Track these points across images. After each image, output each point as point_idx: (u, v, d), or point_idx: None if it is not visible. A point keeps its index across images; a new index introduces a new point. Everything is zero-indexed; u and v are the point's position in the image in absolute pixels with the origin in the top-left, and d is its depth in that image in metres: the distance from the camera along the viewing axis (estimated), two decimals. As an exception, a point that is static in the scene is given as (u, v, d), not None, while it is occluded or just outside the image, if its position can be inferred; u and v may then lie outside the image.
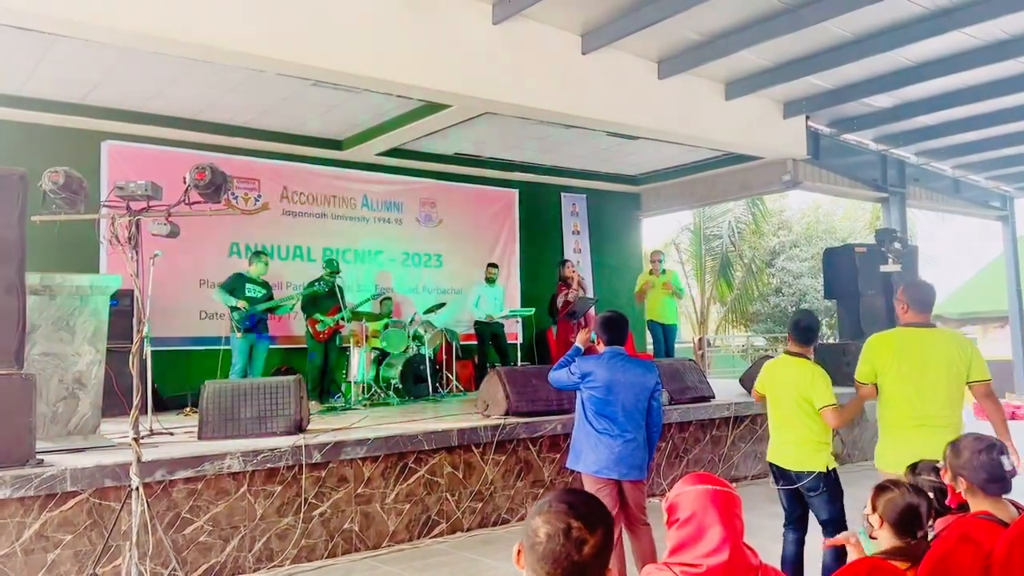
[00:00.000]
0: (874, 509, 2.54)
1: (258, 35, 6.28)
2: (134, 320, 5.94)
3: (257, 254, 8.70)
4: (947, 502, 2.63)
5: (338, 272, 9.23)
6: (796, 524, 4.32)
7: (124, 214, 4.33)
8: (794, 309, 20.50)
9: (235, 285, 8.24)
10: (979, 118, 10.90)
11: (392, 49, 6.93)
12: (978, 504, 2.50)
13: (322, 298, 8.99)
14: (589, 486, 4.23)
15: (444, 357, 10.34)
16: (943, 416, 3.85)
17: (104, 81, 8.06)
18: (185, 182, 4.32)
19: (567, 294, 9.80)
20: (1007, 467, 2.49)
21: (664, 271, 10.75)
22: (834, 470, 4.18)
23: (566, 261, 10.38)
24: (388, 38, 6.90)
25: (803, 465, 4.18)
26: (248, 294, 8.22)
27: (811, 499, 4.19)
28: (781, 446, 4.29)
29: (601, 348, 4.40)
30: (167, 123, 9.20)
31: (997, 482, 2.49)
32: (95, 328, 5.53)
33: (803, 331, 4.34)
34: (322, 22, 6.56)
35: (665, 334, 10.46)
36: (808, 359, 4.33)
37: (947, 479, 2.60)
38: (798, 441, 4.20)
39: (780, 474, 4.31)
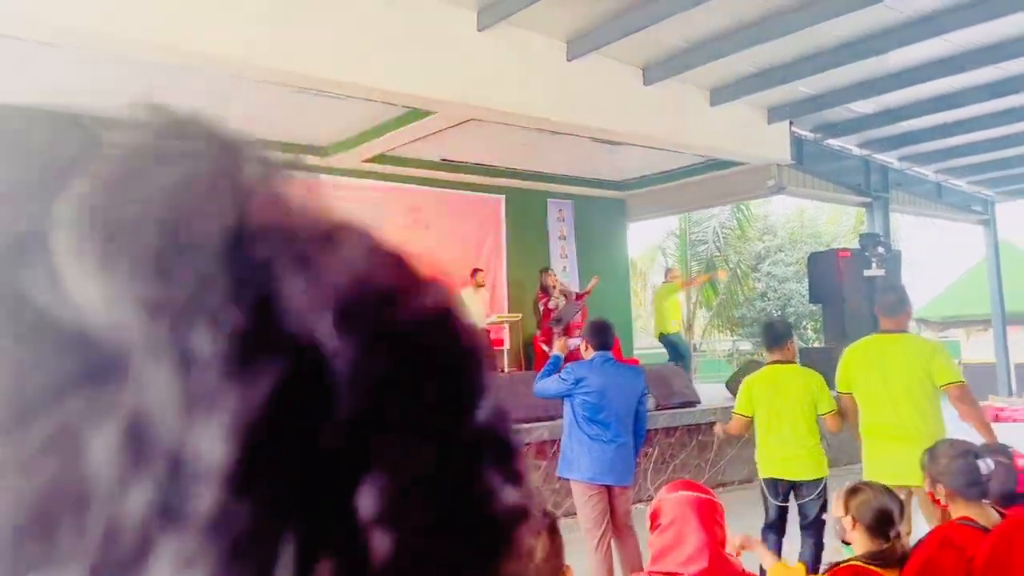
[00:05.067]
0: (846, 511, 2.53)
1: (239, 42, 6.24)
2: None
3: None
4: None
5: None
6: (777, 528, 4.33)
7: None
8: (779, 314, 20.60)
9: None
10: (961, 123, 11.01)
11: (376, 55, 6.92)
12: (958, 510, 2.51)
13: None
14: (581, 494, 4.22)
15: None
16: (913, 426, 3.84)
17: (87, 88, 7.99)
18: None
19: (547, 302, 9.77)
20: (984, 471, 2.50)
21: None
22: None
23: (548, 269, 10.32)
24: (372, 44, 6.89)
25: (815, 473, 4.16)
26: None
27: (808, 504, 4.18)
28: (792, 460, 4.16)
29: (589, 353, 4.39)
30: (150, 130, 9.13)
31: (974, 486, 2.50)
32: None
33: (776, 335, 4.35)
34: (305, 28, 6.53)
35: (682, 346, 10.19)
36: (797, 364, 4.35)
37: (927, 486, 2.62)
38: (810, 451, 4.17)
39: (787, 488, 4.19)
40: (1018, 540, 2.36)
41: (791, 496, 4.22)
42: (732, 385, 9.51)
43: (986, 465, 2.49)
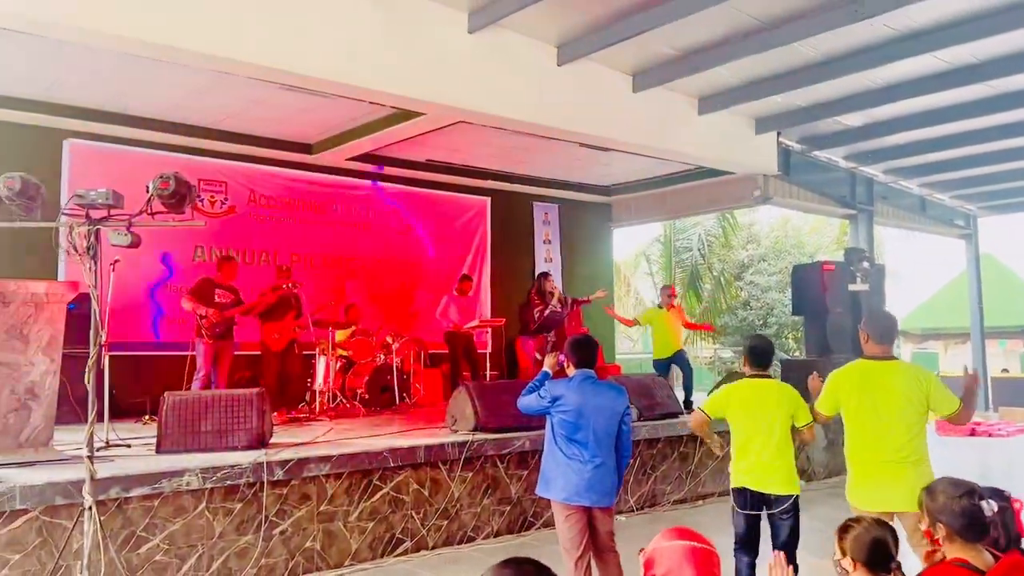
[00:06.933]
0: (843, 553, 2.49)
1: (229, 38, 6.12)
2: (91, 328, 5.75)
3: (226, 259, 8.49)
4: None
5: (290, 273, 8.93)
6: (750, 547, 4.27)
7: (83, 223, 4.18)
8: (762, 323, 20.65)
9: (204, 292, 8.02)
10: (947, 139, 11.06)
11: (366, 56, 6.82)
12: (955, 551, 2.46)
13: (277, 306, 8.70)
14: (559, 513, 4.14)
15: (412, 367, 10.22)
16: (905, 451, 3.86)
17: (68, 78, 7.84)
18: (148, 191, 4.18)
19: (543, 309, 9.65)
20: (987, 512, 2.45)
21: (674, 305, 9.91)
22: None
23: (547, 274, 10.15)
24: (362, 44, 6.78)
25: (789, 488, 4.15)
26: (217, 300, 8.02)
27: (781, 522, 4.15)
28: (769, 472, 4.14)
29: (571, 371, 4.31)
30: (132, 123, 8.98)
31: (975, 528, 2.45)
32: (50, 337, 5.34)
33: (762, 355, 4.34)
34: (295, 26, 6.42)
35: (682, 361, 9.73)
36: (775, 379, 4.35)
37: (924, 525, 2.56)
38: (786, 464, 4.17)
39: (757, 500, 4.18)
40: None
41: (762, 511, 4.20)
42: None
43: (989, 507, 2.44)
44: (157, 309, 9.31)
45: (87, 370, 4.07)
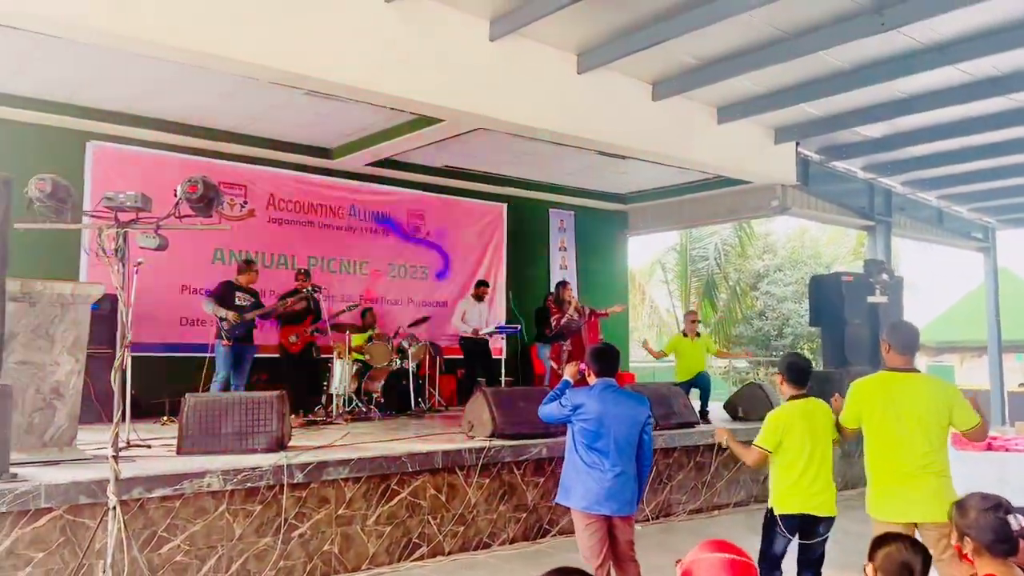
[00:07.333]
0: (871, 560, 2.50)
1: (255, 44, 6.19)
2: (117, 328, 5.80)
3: (247, 263, 8.56)
4: None
5: (308, 277, 8.99)
6: (776, 567, 4.21)
7: (111, 225, 4.22)
8: (777, 334, 20.53)
9: (225, 295, 8.08)
10: (966, 151, 11.02)
11: (388, 62, 6.87)
12: (984, 566, 2.45)
13: (296, 309, 8.73)
14: (578, 522, 4.14)
15: (427, 371, 10.25)
16: (926, 464, 3.83)
17: (92, 81, 7.93)
18: (176, 195, 4.22)
19: (560, 318, 9.65)
20: (1015, 526, 2.44)
21: (699, 334, 9.73)
22: None
23: (566, 283, 10.13)
24: (384, 51, 6.83)
25: (834, 509, 4.08)
26: (238, 303, 8.08)
27: (819, 543, 4.10)
28: (823, 496, 4.06)
29: (592, 380, 4.31)
30: (154, 126, 9.08)
31: (1004, 543, 2.45)
32: (75, 338, 5.40)
33: (801, 373, 4.23)
34: (318, 33, 6.48)
35: (704, 383, 9.53)
36: (813, 397, 4.27)
37: (953, 539, 2.56)
38: (832, 485, 4.10)
39: (806, 523, 4.07)
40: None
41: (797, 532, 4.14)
42: (730, 407, 9.45)
43: (1016, 521, 2.44)
44: (177, 312, 9.38)
45: (113, 371, 4.10)
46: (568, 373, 4.47)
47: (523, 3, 6.97)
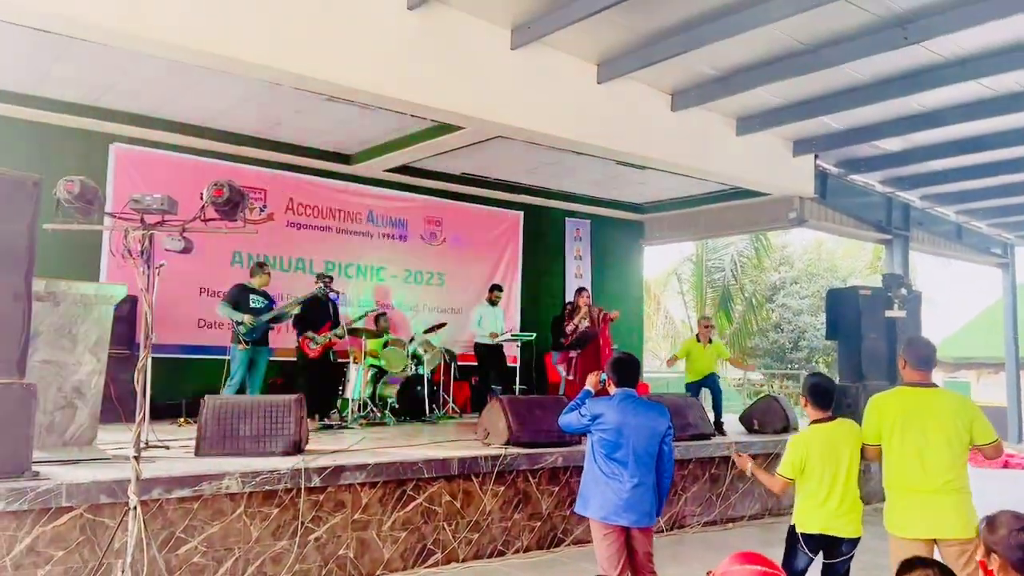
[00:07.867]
0: None
1: (278, 49, 6.23)
2: (138, 329, 5.86)
3: (260, 265, 8.62)
4: None
5: (330, 281, 9.01)
6: None
7: (138, 227, 4.26)
8: (792, 347, 20.43)
9: (239, 298, 8.12)
10: (986, 166, 10.95)
11: (410, 69, 6.91)
12: (1011, 584, 2.44)
13: (314, 314, 8.79)
14: (596, 531, 4.14)
15: (442, 377, 10.26)
16: (948, 480, 3.80)
17: (117, 84, 8.01)
18: (202, 198, 4.26)
19: (568, 325, 9.64)
20: None
21: (712, 340, 9.75)
22: None
23: (583, 290, 10.12)
24: (407, 58, 6.87)
25: (859, 530, 4.04)
26: (252, 306, 8.12)
27: (843, 561, 4.06)
28: (849, 517, 4.01)
29: (612, 390, 4.31)
30: (177, 129, 9.16)
31: (1032, 562, 2.43)
32: (97, 337, 5.45)
33: (824, 395, 4.16)
34: (342, 39, 6.52)
35: (713, 383, 9.62)
36: (840, 418, 4.21)
37: (979, 555, 2.55)
38: (859, 506, 4.05)
39: (829, 544, 4.03)
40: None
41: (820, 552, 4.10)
42: (746, 419, 9.42)
43: None
44: (194, 313, 9.44)
45: (136, 371, 4.14)
46: (589, 383, 4.47)
47: (545, 12, 7.00)
